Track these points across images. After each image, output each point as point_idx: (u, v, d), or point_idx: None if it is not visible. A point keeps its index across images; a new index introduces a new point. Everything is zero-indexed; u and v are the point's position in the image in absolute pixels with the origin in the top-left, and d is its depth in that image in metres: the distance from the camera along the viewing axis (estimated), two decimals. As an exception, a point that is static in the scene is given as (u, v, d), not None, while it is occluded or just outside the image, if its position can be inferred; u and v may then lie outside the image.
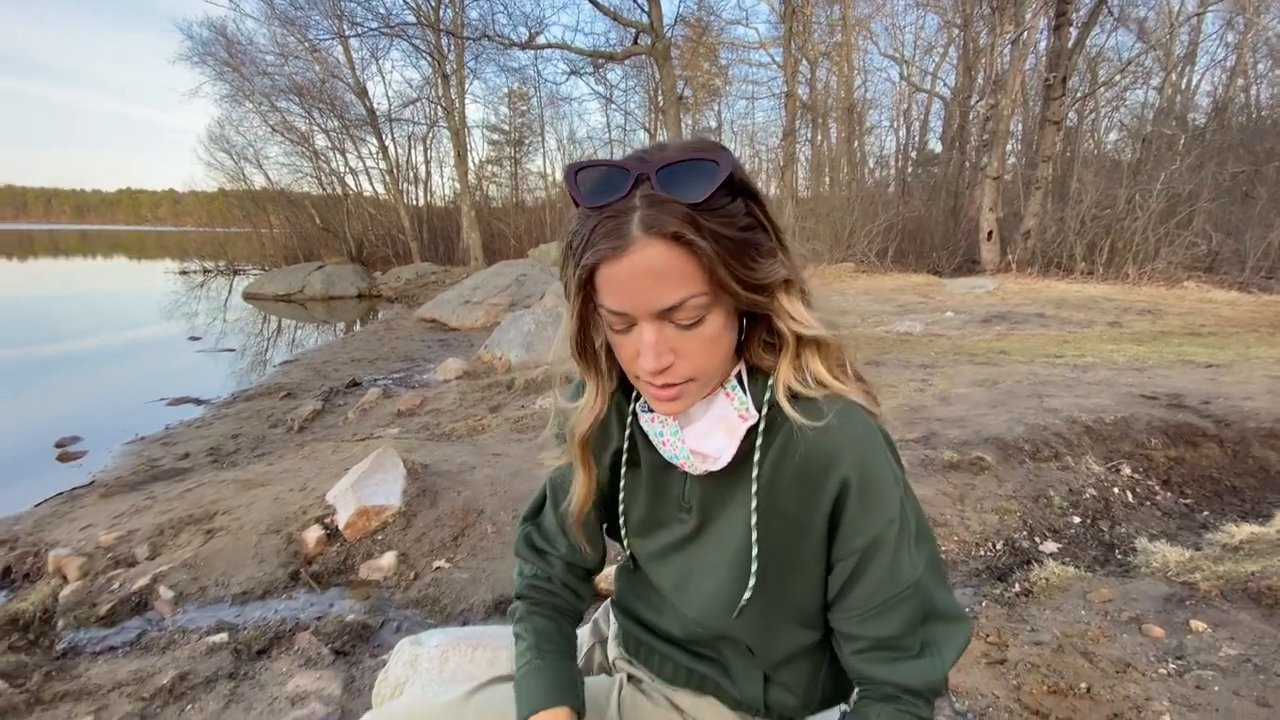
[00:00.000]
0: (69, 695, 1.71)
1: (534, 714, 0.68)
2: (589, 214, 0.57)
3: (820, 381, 0.63)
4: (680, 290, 0.55)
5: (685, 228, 0.54)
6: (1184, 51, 14.25)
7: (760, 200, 0.59)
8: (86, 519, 2.93)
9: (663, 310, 0.56)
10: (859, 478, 0.61)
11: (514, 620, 0.81)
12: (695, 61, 17.22)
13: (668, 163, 0.55)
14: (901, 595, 0.62)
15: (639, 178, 0.55)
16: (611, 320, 0.59)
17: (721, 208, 0.55)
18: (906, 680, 0.63)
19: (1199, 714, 1.44)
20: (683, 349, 0.59)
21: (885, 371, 4.60)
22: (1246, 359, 4.69)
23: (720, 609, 0.68)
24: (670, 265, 0.55)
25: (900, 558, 0.62)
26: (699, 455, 0.66)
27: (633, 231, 0.54)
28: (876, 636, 0.63)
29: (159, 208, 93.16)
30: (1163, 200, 10.62)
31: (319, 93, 18.17)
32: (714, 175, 0.54)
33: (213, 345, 8.69)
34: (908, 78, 18.03)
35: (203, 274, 19.68)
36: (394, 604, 2.17)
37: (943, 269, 12.61)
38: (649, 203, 0.54)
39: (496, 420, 4.16)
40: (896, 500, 0.62)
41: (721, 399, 0.65)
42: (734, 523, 0.67)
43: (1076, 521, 2.51)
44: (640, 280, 0.55)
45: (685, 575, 0.71)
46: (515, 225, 19.42)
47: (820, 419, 0.61)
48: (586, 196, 0.57)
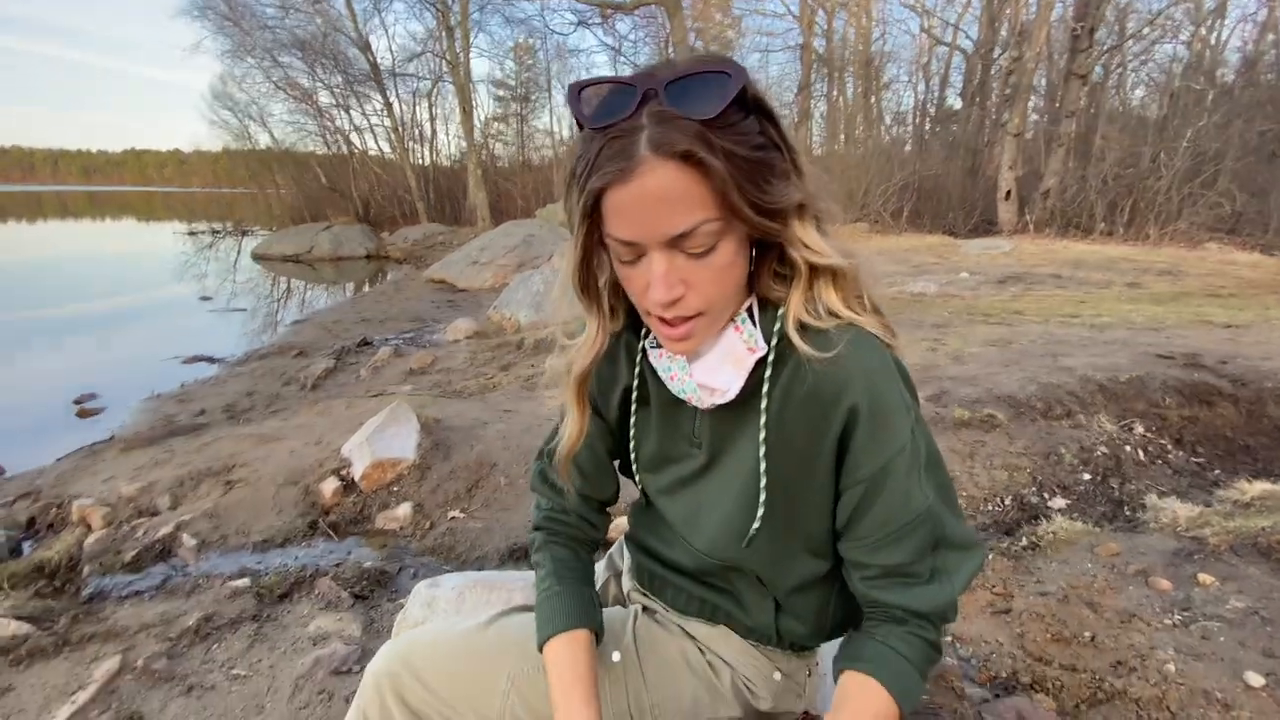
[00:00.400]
0: (96, 636, 1.77)
1: (555, 636, 0.70)
2: (594, 135, 0.54)
3: (833, 312, 0.61)
4: (692, 215, 0.53)
5: (697, 145, 0.51)
6: (1215, 4, 13.62)
7: (774, 118, 0.56)
8: (108, 472, 3.00)
9: (674, 237, 0.54)
10: (868, 405, 0.60)
11: (533, 549, 0.82)
12: (707, 12, 16.66)
13: (677, 77, 0.52)
14: (913, 524, 0.61)
15: (646, 94, 0.52)
16: (620, 250, 0.57)
17: (734, 124, 0.52)
18: (916, 605, 0.63)
19: (1204, 663, 1.46)
20: (694, 279, 0.56)
21: (899, 331, 4.56)
22: (1266, 320, 4.61)
23: (730, 539, 0.68)
24: (681, 188, 0.52)
25: (911, 486, 0.61)
26: (706, 389, 0.64)
27: (640, 152, 0.51)
28: (887, 564, 0.63)
29: (165, 168, 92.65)
30: (1188, 159, 10.31)
31: (321, 47, 17.79)
32: (726, 88, 0.51)
33: (224, 305, 8.73)
34: (928, 29, 17.38)
35: (211, 235, 19.65)
36: (410, 552, 2.23)
37: (959, 229, 12.38)
38: (657, 120, 0.51)
39: (507, 378, 4.19)
40: (907, 429, 0.61)
41: (730, 333, 0.63)
42: (743, 455, 0.66)
43: (1086, 478, 2.51)
44: (650, 205, 0.52)
45: (695, 509, 0.72)
46: (522, 185, 19.14)
47: (830, 349, 0.59)
48: (591, 117, 0.54)
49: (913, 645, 0.62)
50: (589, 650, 0.70)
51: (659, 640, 0.77)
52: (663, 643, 0.77)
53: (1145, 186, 10.66)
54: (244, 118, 19.99)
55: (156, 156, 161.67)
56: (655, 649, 0.76)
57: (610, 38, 17.12)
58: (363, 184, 19.35)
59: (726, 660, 0.76)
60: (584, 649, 0.70)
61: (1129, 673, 1.45)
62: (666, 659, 0.75)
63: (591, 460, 0.78)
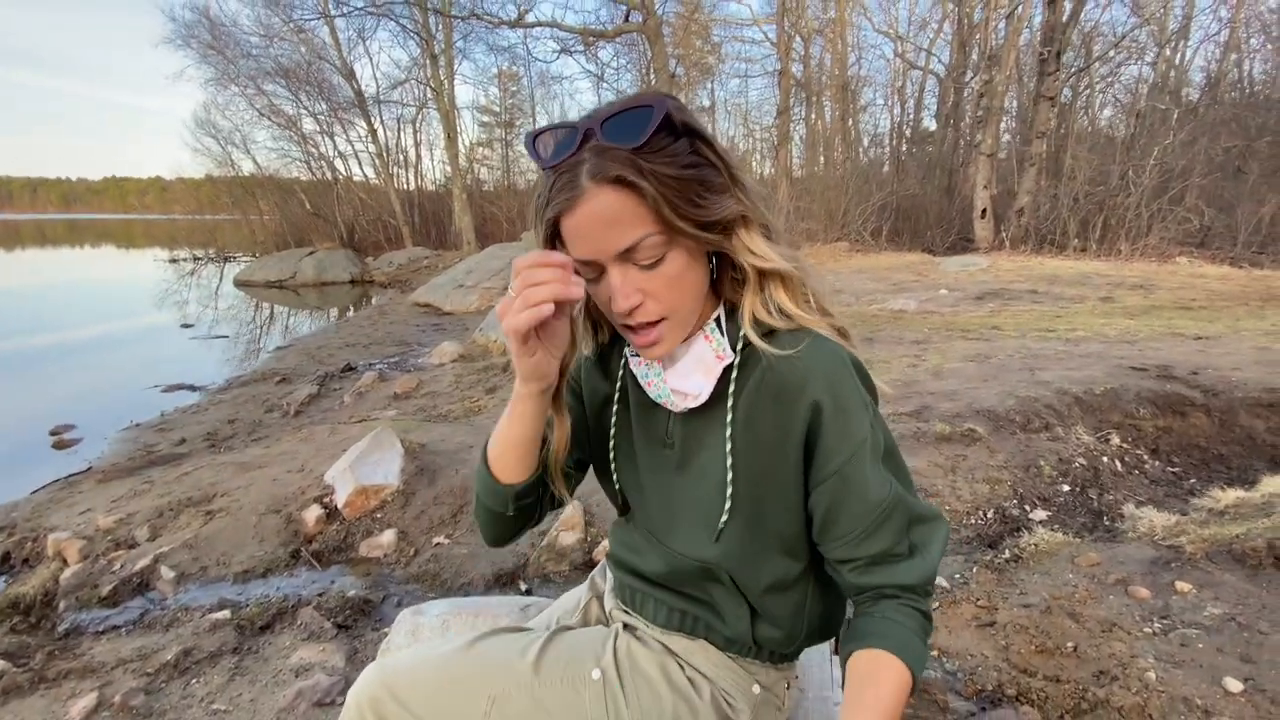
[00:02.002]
0: (73, 673, 1.73)
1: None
2: (548, 174, 0.62)
3: (785, 313, 0.67)
4: (633, 231, 0.60)
5: (626, 170, 0.58)
6: (1178, 26, 14.17)
7: (705, 138, 0.63)
8: (85, 504, 2.94)
9: (621, 252, 0.61)
10: (831, 402, 0.65)
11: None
12: (687, 39, 17.00)
13: (610, 114, 0.60)
14: (885, 510, 0.66)
15: (587, 132, 0.60)
16: (583, 270, 0.64)
17: (663, 149, 0.59)
18: (904, 579, 0.67)
19: (1183, 670, 1.48)
20: (649, 288, 0.63)
21: (879, 348, 4.63)
22: (1235, 331, 4.73)
23: (701, 535, 0.72)
24: (620, 209, 0.59)
25: (876, 476, 0.66)
26: (679, 394, 0.71)
27: (583, 182, 0.59)
28: (872, 553, 0.67)
29: (146, 195, 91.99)
30: (1156, 176, 10.62)
31: (305, 75, 17.88)
32: (649, 119, 0.58)
33: (205, 332, 8.64)
34: (902, 54, 17.87)
35: (193, 262, 19.48)
36: (394, 579, 2.20)
37: (937, 247, 12.61)
38: (595, 153, 0.59)
39: (493, 401, 4.18)
40: (866, 422, 0.66)
41: (700, 341, 0.70)
42: (714, 456, 0.71)
43: (1066, 490, 2.55)
44: (596, 226, 0.60)
45: (669, 508, 0.76)
46: (508, 208, 19.21)
47: (788, 349, 0.65)
48: (545, 158, 0.62)
49: (910, 615, 0.66)
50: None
51: (639, 657, 0.78)
52: (643, 659, 0.77)
53: (1116, 203, 10.95)
54: (227, 145, 20.00)
55: (138, 184, 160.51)
56: (636, 666, 0.77)
57: (593, 64, 17.38)
58: (347, 209, 19.33)
59: (706, 674, 0.77)
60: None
61: (1111, 682, 1.47)
62: (647, 676, 0.76)
63: (561, 471, 0.80)
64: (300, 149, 19.76)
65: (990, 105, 12.25)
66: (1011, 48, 12.15)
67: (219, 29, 17.28)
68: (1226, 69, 13.92)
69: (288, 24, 16.53)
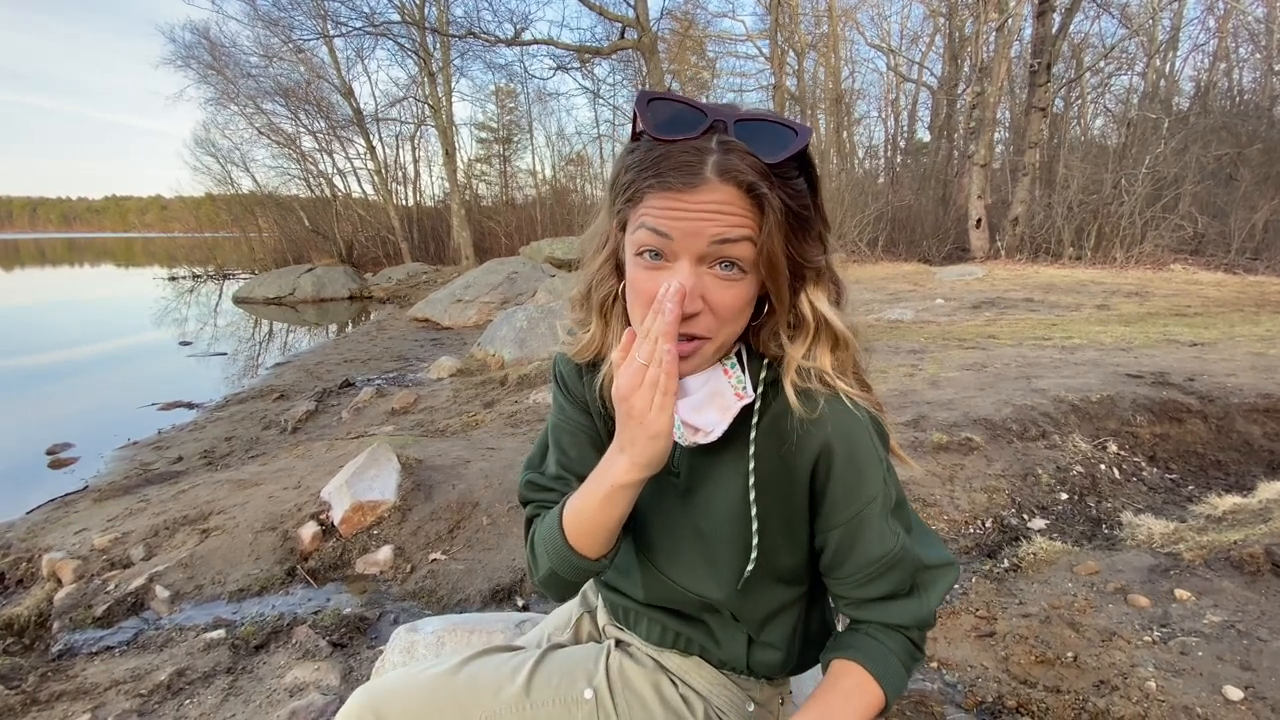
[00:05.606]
0: (65, 695, 1.71)
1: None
2: (654, 144, 0.56)
3: (823, 377, 0.64)
4: (741, 228, 0.55)
5: (761, 180, 0.54)
6: (1166, 36, 14.34)
7: (818, 187, 0.61)
8: (80, 523, 2.92)
9: (715, 242, 0.55)
10: (843, 453, 0.63)
11: (529, 530, 0.77)
12: (682, 55, 17.20)
13: (747, 118, 0.56)
14: (890, 561, 0.65)
15: (715, 123, 0.56)
16: (650, 243, 0.57)
17: (790, 179, 0.57)
18: (898, 619, 0.67)
19: (1183, 679, 1.47)
20: (712, 299, 0.58)
21: (876, 358, 4.63)
22: (1231, 337, 4.75)
23: (704, 572, 0.70)
24: (737, 207, 0.55)
25: (884, 529, 0.65)
26: (690, 427, 0.65)
27: (706, 172, 0.54)
28: (870, 597, 0.67)
29: (146, 214, 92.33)
30: (1148, 184, 10.71)
31: (304, 94, 18.03)
32: (792, 142, 0.55)
33: (204, 350, 8.64)
34: (895, 68, 18.08)
35: (192, 279, 19.52)
36: (391, 597, 2.19)
37: (933, 257, 12.67)
38: (725, 149, 0.55)
39: (490, 416, 4.17)
40: (879, 478, 0.65)
41: (719, 374, 0.65)
42: (725, 496, 0.68)
43: (1064, 498, 2.54)
44: (705, 211, 0.55)
45: (671, 537, 0.72)
46: (506, 223, 19.32)
47: (813, 406, 0.62)
48: (656, 127, 0.56)
49: (897, 640, 0.66)
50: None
51: (632, 675, 0.77)
52: (636, 677, 0.77)
53: (1109, 212, 11.04)
54: (227, 163, 20.12)
55: (138, 203, 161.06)
56: (629, 684, 0.76)
57: (589, 81, 17.58)
58: (346, 226, 19.42)
59: (700, 692, 0.76)
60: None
61: (1111, 692, 1.46)
62: (639, 694, 0.76)
63: (575, 445, 0.77)
64: (299, 166, 19.89)
65: (983, 116, 12.38)
66: (1002, 60, 12.29)
67: (219, 50, 17.47)
68: (1216, 78, 14.11)
69: (287, 44, 16.69)
